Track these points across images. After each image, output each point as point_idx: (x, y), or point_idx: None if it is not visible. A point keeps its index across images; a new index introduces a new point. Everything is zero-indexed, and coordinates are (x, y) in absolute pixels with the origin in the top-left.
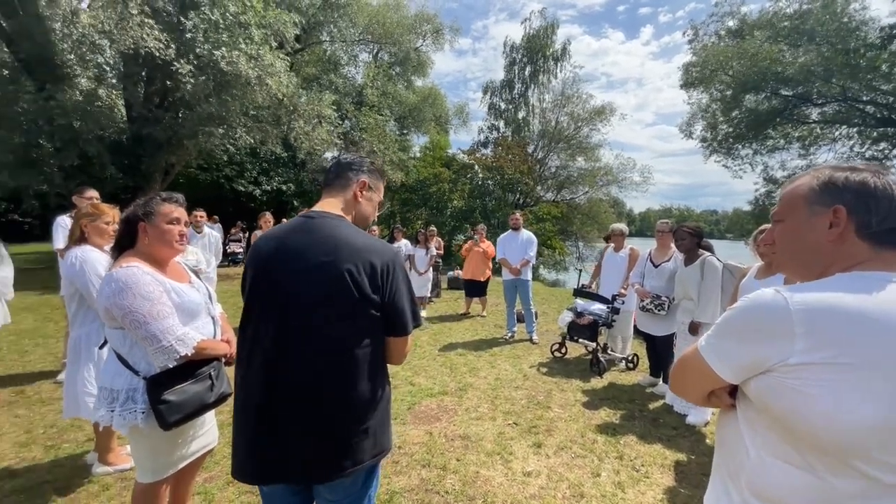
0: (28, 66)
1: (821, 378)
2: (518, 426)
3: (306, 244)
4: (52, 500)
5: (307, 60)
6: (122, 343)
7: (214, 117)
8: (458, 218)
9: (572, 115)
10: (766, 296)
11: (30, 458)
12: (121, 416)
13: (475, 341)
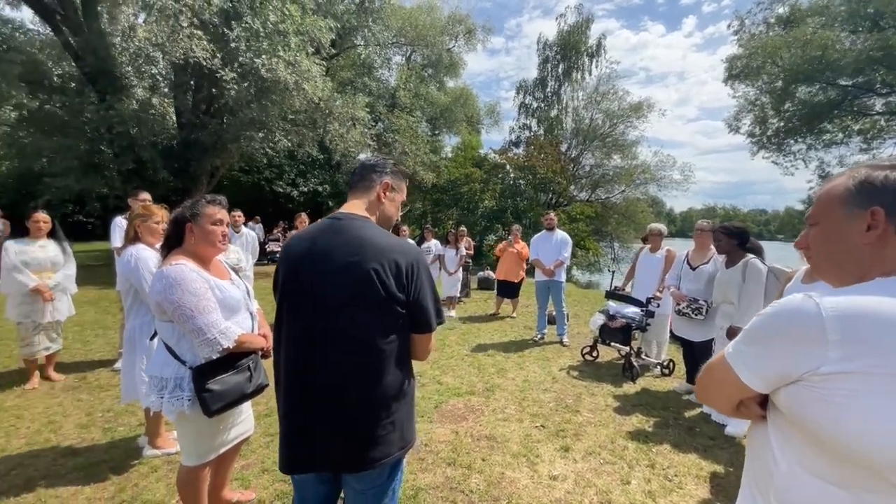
0: (92, 78)
1: (856, 389)
2: (545, 429)
3: (334, 245)
4: (107, 479)
5: (342, 65)
6: (171, 335)
7: (255, 122)
8: (489, 218)
9: (607, 113)
10: (796, 300)
11: (89, 439)
12: (169, 402)
13: (504, 342)
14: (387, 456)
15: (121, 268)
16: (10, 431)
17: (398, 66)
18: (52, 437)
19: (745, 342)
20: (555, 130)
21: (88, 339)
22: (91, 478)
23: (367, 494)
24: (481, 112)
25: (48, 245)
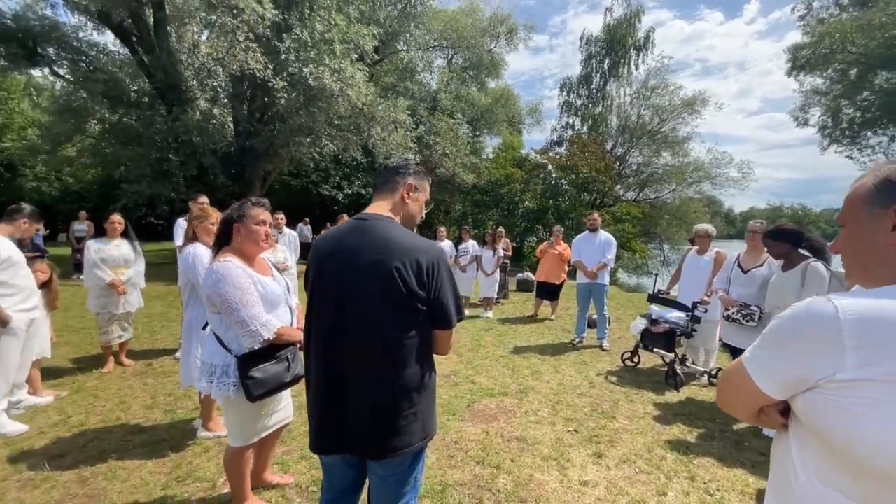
0: (161, 93)
1: (874, 397)
2: (578, 434)
3: (360, 245)
4: (166, 455)
5: (386, 70)
6: (220, 326)
7: (303, 128)
8: (529, 219)
9: (657, 108)
10: (815, 304)
11: (153, 419)
12: (217, 387)
13: (540, 345)
14: (409, 445)
15: (180, 264)
16: (88, 409)
17: (440, 69)
18: (122, 416)
19: (762, 346)
20: (599, 128)
21: (155, 330)
22: (153, 453)
23: (389, 481)
24: (523, 112)
25: (122, 244)
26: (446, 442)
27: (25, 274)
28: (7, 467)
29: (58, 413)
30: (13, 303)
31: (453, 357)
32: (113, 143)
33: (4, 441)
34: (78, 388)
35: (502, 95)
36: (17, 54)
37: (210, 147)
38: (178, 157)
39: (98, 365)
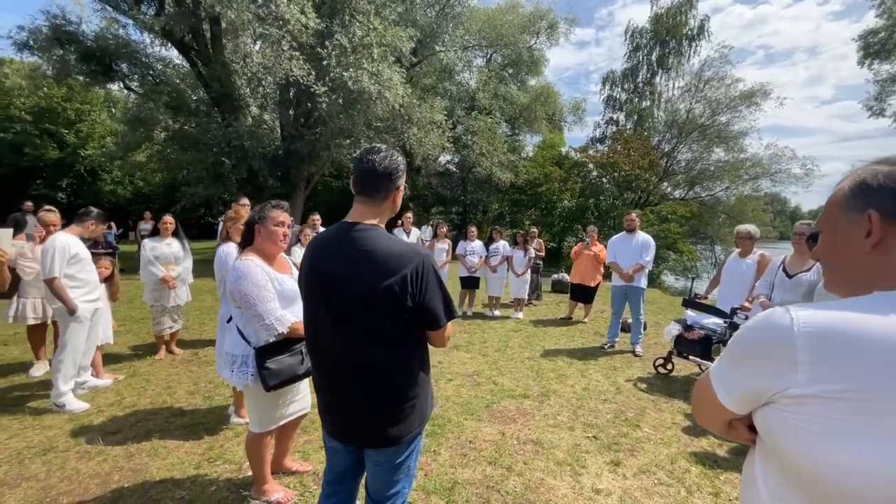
0: (217, 101)
1: (825, 416)
2: (597, 440)
3: (345, 254)
4: (202, 438)
5: (425, 72)
6: (241, 319)
7: (343, 131)
8: (567, 218)
9: (710, 102)
10: (773, 314)
11: (194, 404)
12: (236, 375)
13: (569, 348)
14: (404, 435)
15: (215, 262)
16: (140, 392)
17: (478, 69)
18: (168, 399)
19: (724, 358)
20: (645, 123)
21: (204, 322)
22: (190, 435)
23: (383, 467)
24: (564, 109)
25: (173, 243)
26: (461, 441)
27: (91, 269)
28: (69, 440)
29: (114, 394)
30: (80, 294)
31: (478, 357)
32: (175, 150)
33: (70, 417)
34: (133, 372)
35: (542, 93)
36: (95, 71)
37: (259, 151)
38: (231, 161)
39: (152, 352)
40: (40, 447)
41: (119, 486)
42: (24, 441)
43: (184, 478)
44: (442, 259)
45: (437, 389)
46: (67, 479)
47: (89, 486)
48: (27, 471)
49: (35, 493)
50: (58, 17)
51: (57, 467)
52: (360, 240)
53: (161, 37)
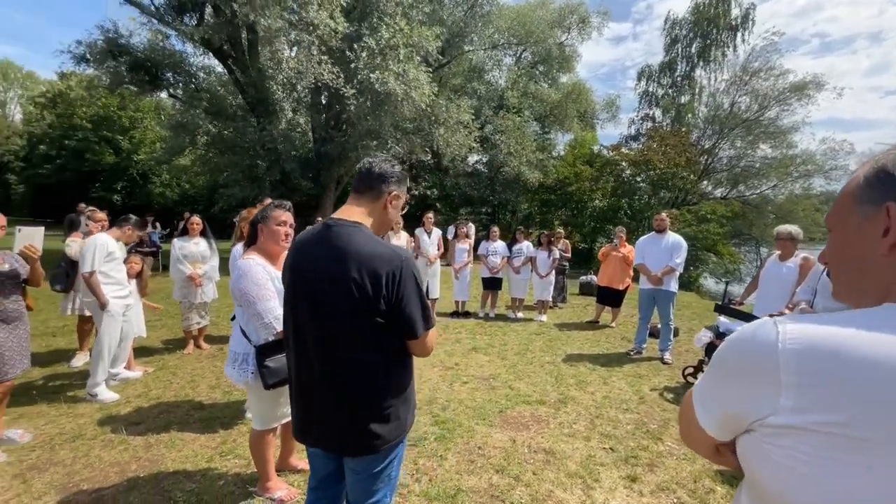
0: (252, 106)
1: (809, 452)
2: (614, 452)
3: (320, 254)
4: (217, 431)
5: (453, 72)
6: (242, 317)
7: (371, 132)
8: (598, 219)
9: (756, 95)
10: (760, 327)
11: (214, 398)
12: (238, 373)
13: (593, 353)
14: (379, 446)
15: (230, 261)
16: (166, 385)
17: (508, 68)
18: (191, 393)
19: (706, 376)
20: (684, 119)
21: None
22: (206, 429)
23: (361, 475)
24: (597, 106)
25: (200, 242)
26: (469, 446)
27: (122, 269)
28: (97, 428)
29: (143, 386)
30: (111, 290)
31: (496, 360)
32: (215, 153)
33: (100, 406)
34: (162, 365)
35: (573, 90)
36: (144, 80)
37: (291, 153)
38: (265, 163)
39: (181, 347)
40: (70, 434)
41: (135, 476)
42: (57, 427)
43: (195, 470)
44: (463, 259)
45: (450, 392)
46: (90, 467)
47: (108, 475)
48: (56, 456)
49: (60, 478)
50: (110, 31)
51: (82, 454)
52: (337, 237)
53: (201, 46)
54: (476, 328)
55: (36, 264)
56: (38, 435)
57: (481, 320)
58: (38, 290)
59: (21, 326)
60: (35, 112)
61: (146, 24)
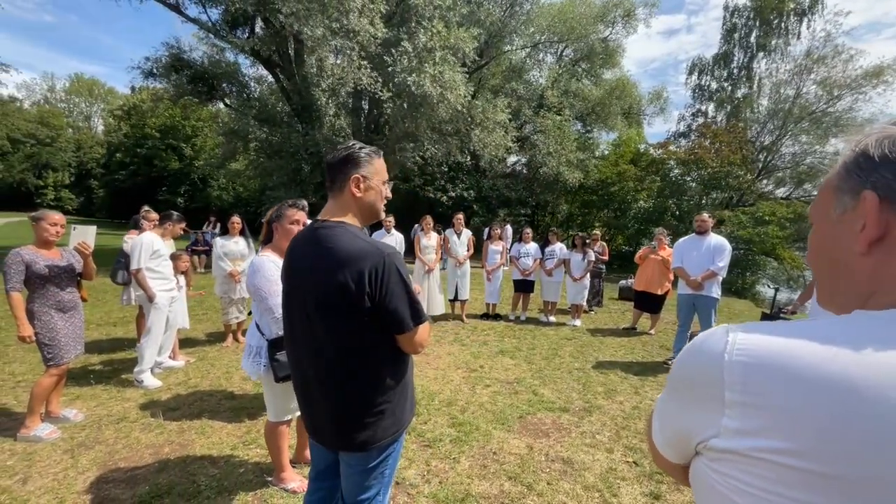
0: (297, 113)
1: (758, 485)
2: (637, 467)
3: (308, 255)
4: (243, 421)
5: (493, 73)
6: (256, 312)
7: (407, 135)
8: (642, 220)
9: (824, 83)
10: (710, 335)
11: (245, 390)
12: (251, 365)
13: (626, 361)
14: (373, 442)
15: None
16: (203, 375)
17: (548, 66)
18: (224, 384)
19: (665, 388)
20: (742, 114)
21: None
22: (234, 418)
23: (354, 470)
24: (643, 101)
25: (240, 241)
26: (484, 451)
27: (168, 264)
28: (139, 412)
29: (183, 375)
30: (158, 285)
31: (522, 364)
32: (264, 158)
33: (144, 392)
34: (202, 356)
35: (617, 86)
36: (202, 91)
37: None
38: (308, 167)
39: (221, 339)
40: (116, 416)
41: (166, 458)
42: (106, 409)
43: (220, 456)
44: (496, 261)
45: (471, 395)
46: (129, 447)
47: (144, 455)
48: (102, 436)
49: (102, 456)
50: (174, 47)
51: (124, 435)
52: (322, 238)
53: (252, 56)
54: (505, 331)
55: (88, 259)
56: (89, 415)
57: (511, 323)
58: (105, 285)
59: (76, 315)
60: (113, 124)
61: (204, 39)
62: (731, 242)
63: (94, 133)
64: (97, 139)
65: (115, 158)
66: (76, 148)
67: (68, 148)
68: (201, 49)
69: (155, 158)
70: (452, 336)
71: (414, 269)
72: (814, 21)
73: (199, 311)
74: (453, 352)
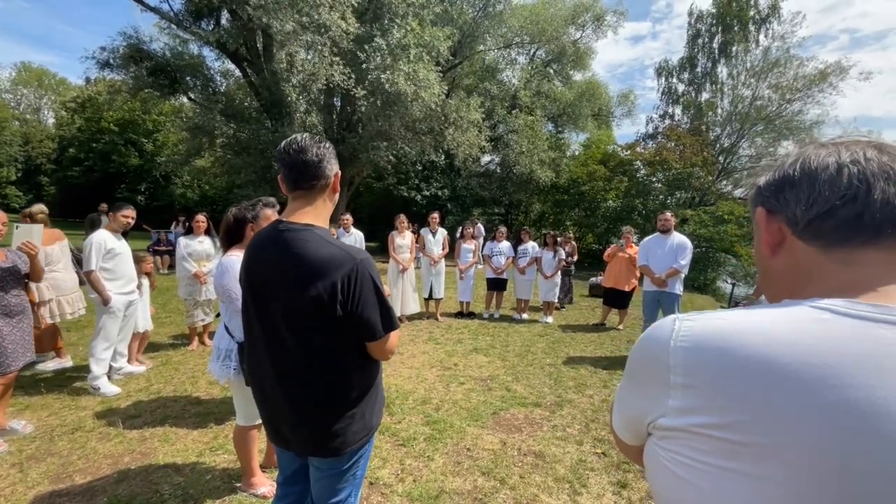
0: (266, 108)
1: (694, 456)
2: (606, 457)
3: (274, 258)
4: (209, 427)
5: (466, 72)
6: (225, 313)
7: (381, 133)
8: (611, 219)
9: (777, 87)
10: (660, 324)
11: (211, 394)
12: (220, 369)
13: (595, 356)
14: (342, 448)
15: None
16: (167, 380)
17: (521, 67)
18: (189, 388)
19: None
20: (704, 116)
21: None
22: (200, 424)
23: (324, 474)
24: (612, 104)
25: (205, 240)
26: (458, 448)
27: (126, 263)
28: (95, 421)
29: (145, 380)
30: (115, 286)
31: (496, 361)
32: (231, 155)
33: (102, 400)
34: (166, 361)
35: (587, 88)
36: (163, 84)
37: None
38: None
39: (186, 343)
40: (70, 426)
41: (126, 468)
42: (59, 419)
43: (185, 464)
44: (468, 260)
45: (446, 393)
46: (85, 458)
47: (101, 466)
48: (54, 447)
49: (55, 468)
50: (132, 37)
51: (79, 446)
52: (291, 242)
53: (217, 49)
54: (479, 329)
55: (35, 260)
56: (39, 426)
57: (485, 321)
58: None
59: (24, 320)
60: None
61: (165, 30)
62: (693, 240)
63: (44, 126)
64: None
65: (68, 153)
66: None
67: (14, 142)
68: (163, 40)
69: (113, 154)
70: (427, 335)
71: (388, 269)
72: (771, 28)
73: (161, 313)
74: (428, 350)
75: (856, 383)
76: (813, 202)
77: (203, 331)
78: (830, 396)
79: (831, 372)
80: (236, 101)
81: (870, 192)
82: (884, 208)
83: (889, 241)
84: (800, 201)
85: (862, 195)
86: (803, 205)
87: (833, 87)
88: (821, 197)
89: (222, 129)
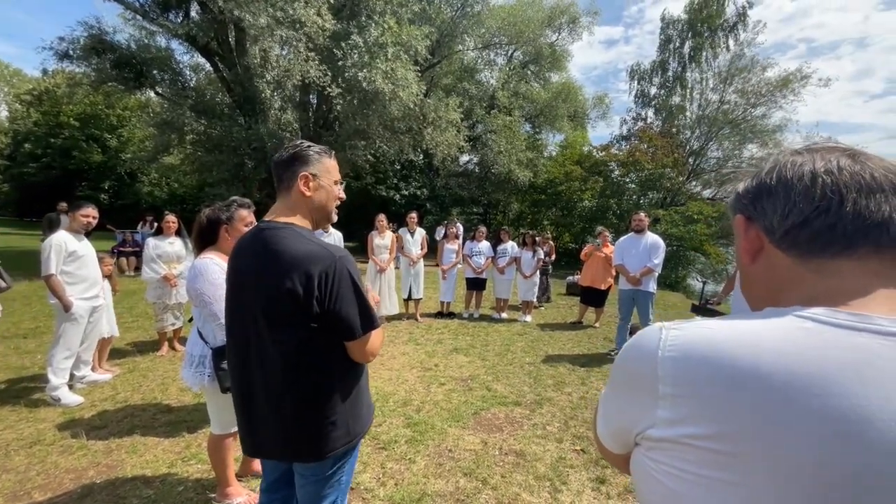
0: (239, 105)
1: (682, 467)
2: (585, 454)
3: (254, 257)
4: (181, 436)
5: (444, 72)
6: (199, 318)
7: (358, 132)
8: (587, 219)
9: (743, 93)
10: (644, 333)
11: (183, 402)
12: (193, 375)
13: (574, 354)
14: (325, 452)
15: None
16: (135, 387)
17: (499, 68)
18: (159, 396)
19: (607, 384)
20: (675, 119)
21: None
22: (171, 433)
23: (308, 479)
24: (587, 105)
25: (176, 241)
26: (440, 449)
27: (91, 265)
28: (56, 433)
29: (111, 389)
30: (77, 291)
31: (476, 361)
32: (202, 152)
33: (63, 410)
34: (133, 368)
35: (563, 90)
36: (128, 78)
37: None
38: (252, 163)
39: (155, 349)
40: (28, 440)
41: (91, 483)
42: (15, 433)
43: (155, 476)
44: (451, 260)
45: (426, 394)
46: (45, 473)
47: (63, 481)
48: (10, 463)
49: (11, 485)
50: (94, 28)
51: (38, 461)
52: (269, 240)
53: (186, 42)
54: (459, 329)
55: None
56: None
57: (465, 321)
58: (14, 293)
59: None
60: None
61: (130, 21)
62: (665, 239)
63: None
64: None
65: (24, 149)
66: None
67: None
68: (128, 31)
69: (73, 150)
70: (407, 336)
71: (367, 270)
72: (739, 35)
73: (128, 318)
74: (408, 352)
75: (839, 391)
76: (788, 212)
77: (174, 336)
78: (815, 404)
79: (815, 381)
80: (207, 97)
81: (842, 203)
82: (855, 220)
83: (862, 251)
84: (776, 211)
85: (835, 207)
86: (779, 215)
87: (794, 94)
88: (796, 208)
89: (192, 125)
